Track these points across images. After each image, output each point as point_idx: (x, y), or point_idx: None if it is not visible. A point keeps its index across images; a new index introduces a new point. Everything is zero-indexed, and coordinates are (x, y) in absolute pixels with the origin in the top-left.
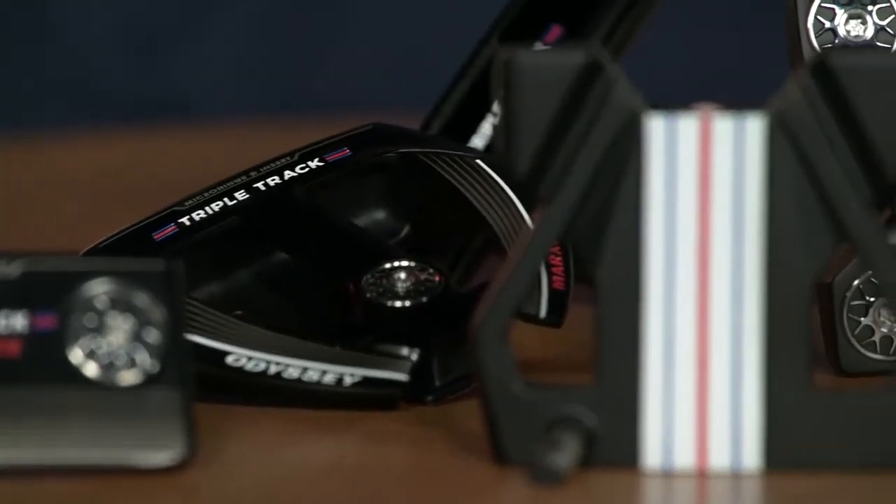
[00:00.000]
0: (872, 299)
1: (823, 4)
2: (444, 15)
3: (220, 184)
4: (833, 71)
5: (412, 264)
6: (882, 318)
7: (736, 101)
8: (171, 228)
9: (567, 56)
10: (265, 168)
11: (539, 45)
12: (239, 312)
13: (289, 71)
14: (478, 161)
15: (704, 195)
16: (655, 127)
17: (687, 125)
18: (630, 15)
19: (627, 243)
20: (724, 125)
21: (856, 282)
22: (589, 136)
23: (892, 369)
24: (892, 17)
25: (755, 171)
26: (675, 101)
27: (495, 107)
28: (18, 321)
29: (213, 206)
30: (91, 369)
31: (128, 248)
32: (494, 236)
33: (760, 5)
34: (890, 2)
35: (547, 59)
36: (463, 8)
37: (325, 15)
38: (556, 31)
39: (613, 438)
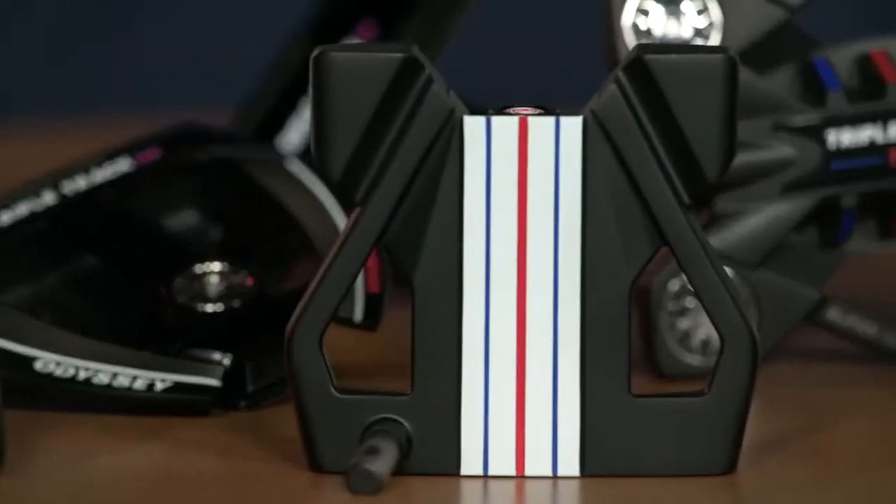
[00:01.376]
0: (691, 302)
1: (640, 4)
2: (257, 8)
3: (27, 186)
4: (648, 67)
5: (224, 268)
6: (700, 321)
7: (554, 100)
8: None
9: (383, 53)
10: (73, 170)
11: (353, 40)
12: (47, 317)
13: (94, 69)
14: (290, 162)
15: (522, 197)
16: (474, 127)
17: (505, 125)
18: (446, 9)
19: (445, 246)
20: (541, 125)
21: (674, 284)
22: (406, 136)
23: (710, 372)
24: (708, 16)
25: (572, 171)
26: (493, 100)
27: (310, 105)
28: None
29: (19, 209)
30: None
31: None
32: (309, 239)
33: (582, 6)
34: (705, 1)
35: (362, 57)
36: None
37: (132, 10)
38: (369, 26)
39: (431, 446)
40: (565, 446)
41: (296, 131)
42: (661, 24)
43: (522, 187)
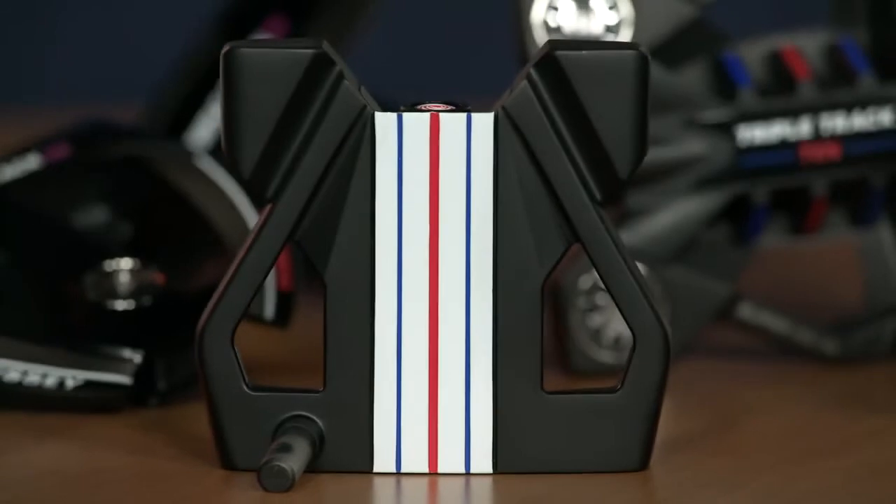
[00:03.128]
0: (602, 299)
1: (550, 1)
2: (166, 2)
3: None
4: (559, 63)
5: (135, 265)
6: (612, 318)
7: (466, 97)
8: None
9: (293, 49)
10: None
11: (261, 34)
12: None
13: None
14: (200, 159)
15: (434, 193)
16: (385, 123)
17: (416, 122)
18: (355, 3)
19: (357, 243)
20: (452, 121)
21: (586, 281)
22: (317, 132)
23: (622, 369)
24: (619, 12)
25: (484, 168)
26: (404, 97)
27: (219, 101)
28: None
29: None
30: None
31: None
32: (219, 236)
33: (492, 2)
34: None
35: (271, 53)
36: None
37: (38, 3)
38: (278, 21)
39: (343, 443)
40: (478, 443)
41: (205, 127)
42: (571, 21)
43: (434, 184)
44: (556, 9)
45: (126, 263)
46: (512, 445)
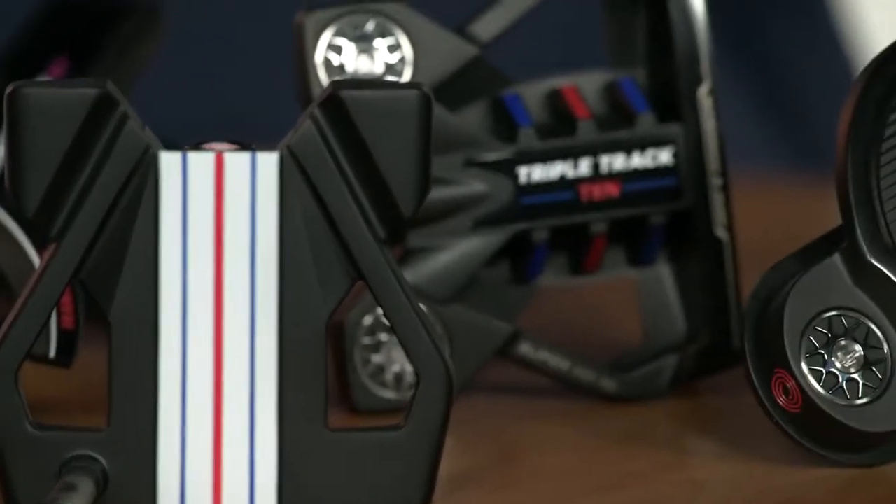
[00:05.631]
0: (384, 337)
1: (332, 41)
2: None
3: None
4: (343, 103)
5: None
6: (394, 356)
7: (251, 138)
8: None
9: (77, 89)
10: None
11: (45, 77)
12: None
13: None
14: None
15: (219, 234)
16: (169, 163)
17: (201, 161)
18: (137, 44)
19: (141, 283)
20: (237, 160)
21: (368, 319)
22: (101, 172)
23: (403, 406)
24: (400, 53)
25: (269, 207)
26: (188, 138)
27: (3, 141)
28: None
29: None
30: None
31: None
32: (3, 276)
33: (275, 41)
34: (397, 38)
35: (56, 93)
36: None
37: None
38: (62, 64)
39: (127, 482)
40: (262, 482)
41: None
42: (352, 61)
43: (219, 223)
44: (337, 49)
45: None
46: (297, 484)
